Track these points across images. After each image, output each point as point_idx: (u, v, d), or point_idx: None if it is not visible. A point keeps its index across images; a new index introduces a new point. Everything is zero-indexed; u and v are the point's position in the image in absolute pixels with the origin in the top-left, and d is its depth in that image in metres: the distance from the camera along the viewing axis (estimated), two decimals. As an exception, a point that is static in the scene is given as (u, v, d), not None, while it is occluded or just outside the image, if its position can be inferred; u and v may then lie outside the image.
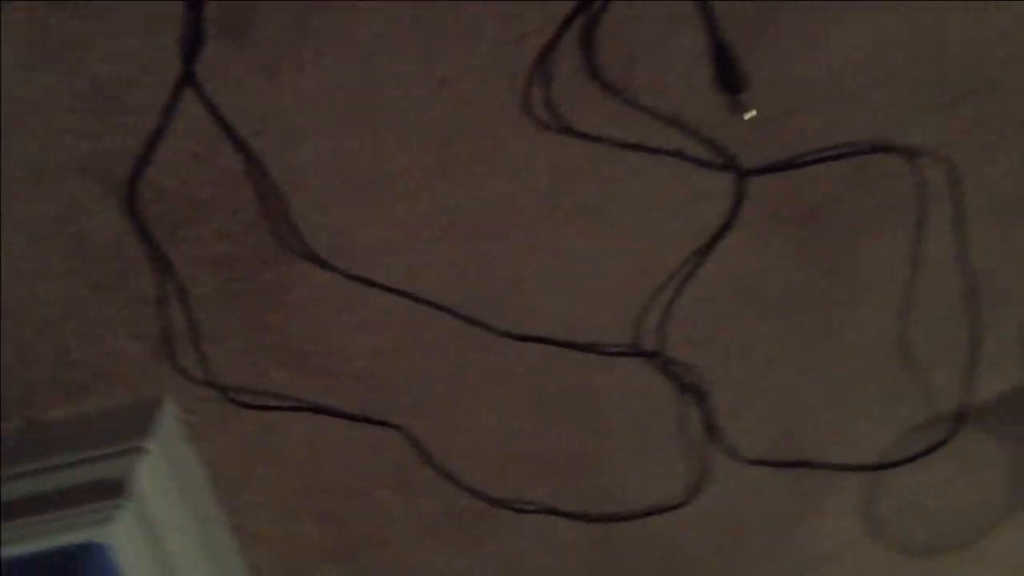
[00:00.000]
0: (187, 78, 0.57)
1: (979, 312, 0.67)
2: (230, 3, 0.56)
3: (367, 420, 0.69)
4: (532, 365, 0.68)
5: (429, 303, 0.65)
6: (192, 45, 0.57)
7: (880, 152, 0.62)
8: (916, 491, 0.75)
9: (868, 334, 0.68)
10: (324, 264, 0.63)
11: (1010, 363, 0.70)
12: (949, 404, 0.71)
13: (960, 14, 0.59)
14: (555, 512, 0.74)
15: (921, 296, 0.67)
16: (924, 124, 0.62)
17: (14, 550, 0.60)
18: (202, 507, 0.71)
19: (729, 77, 0.59)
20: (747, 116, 0.60)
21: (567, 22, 0.58)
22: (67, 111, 0.57)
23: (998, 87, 0.61)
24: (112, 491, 0.62)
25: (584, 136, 0.60)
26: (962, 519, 0.78)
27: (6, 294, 0.63)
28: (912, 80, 0.61)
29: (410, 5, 0.56)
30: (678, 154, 0.62)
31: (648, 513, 0.74)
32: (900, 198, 0.64)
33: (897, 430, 0.72)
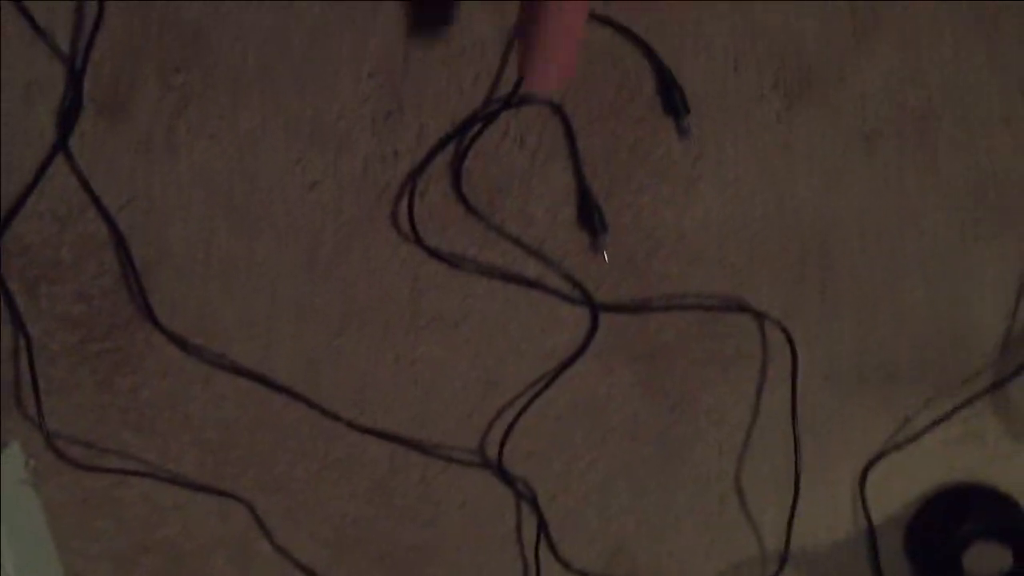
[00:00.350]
0: (60, 145, 0.58)
1: (801, 465, 0.70)
2: (111, 81, 0.57)
3: (211, 491, 0.69)
4: (376, 457, 0.69)
5: (280, 388, 0.66)
6: (69, 115, 0.58)
7: (730, 310, 0.66)
8: (740, 620, 0.78)
9: (703, 469, 0.71)
10: (178, 341, 0.64)
11: (833, 513, 0.73)
12: (776, 543, 0.74)
13: (812, 192, 0.63)
14: (388, 599, 0.75)
15: (754, 442, 0.70)
16: (770, 286, 0.65)
17: None
18: (38, 552, 0.71)
19: (590, 218, 0.62)
20: (604, 257, 0.63)
21: (440, 146, 0.60)
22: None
23: (836, 263, 0.65)
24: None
25: (446, 259, 0.63)
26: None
27: None
28: (764, 245, 0.64)
29: (286, 111, 0.58)
30: (536, 284, 0.64)
31: (479, 610, 0.76)
32: (742, 351, 0.67)
33: (726, 561, 0.75)
